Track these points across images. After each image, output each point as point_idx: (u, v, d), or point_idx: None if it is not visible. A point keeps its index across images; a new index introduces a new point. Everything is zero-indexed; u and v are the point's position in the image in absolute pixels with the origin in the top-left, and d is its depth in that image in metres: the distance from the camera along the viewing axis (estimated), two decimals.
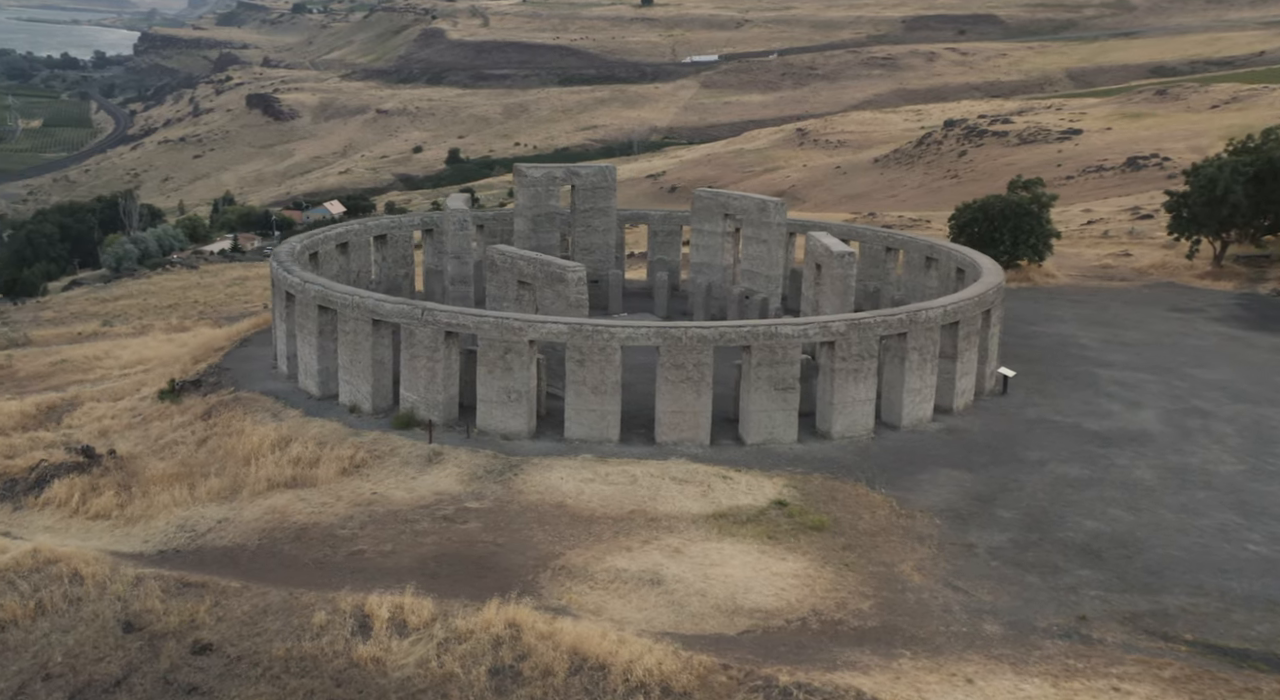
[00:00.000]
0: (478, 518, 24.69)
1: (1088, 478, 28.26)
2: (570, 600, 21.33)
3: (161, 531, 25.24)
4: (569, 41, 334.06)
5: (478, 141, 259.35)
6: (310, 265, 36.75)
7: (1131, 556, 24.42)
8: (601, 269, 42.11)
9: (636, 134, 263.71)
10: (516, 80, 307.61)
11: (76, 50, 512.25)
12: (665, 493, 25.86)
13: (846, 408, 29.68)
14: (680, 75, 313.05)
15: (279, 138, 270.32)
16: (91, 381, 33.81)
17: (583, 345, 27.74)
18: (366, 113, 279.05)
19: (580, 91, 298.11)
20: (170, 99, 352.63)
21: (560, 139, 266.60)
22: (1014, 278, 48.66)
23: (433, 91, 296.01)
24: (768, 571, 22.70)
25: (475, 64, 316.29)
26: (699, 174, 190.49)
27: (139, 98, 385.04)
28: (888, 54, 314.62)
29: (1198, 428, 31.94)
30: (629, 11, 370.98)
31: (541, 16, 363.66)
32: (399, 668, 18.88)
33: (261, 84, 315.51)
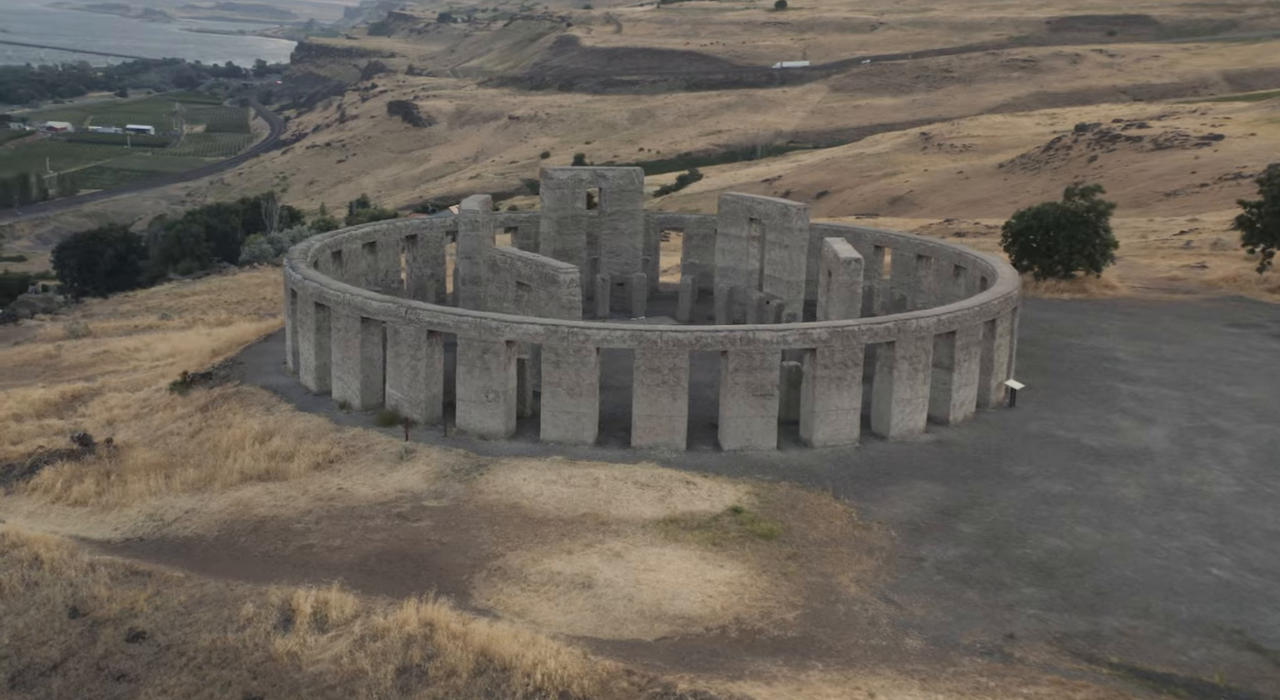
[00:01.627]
0: (431, 516, 25.14)
1: (1067, 494, 27.61)
2: (498, 601, 21.65)
3: (132, 520, 26.22)
4: (699, 47, 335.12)
5: (603, 147, 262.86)
6: (335, 264, 38.01)
7: (1084, 576, 23.86)
8: (628, 272, 42.61)
9: (761, 138, 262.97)
10: (645, 86, 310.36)
11: (240, 59, 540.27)
12: (622, 496, 26.02)
13: (829, 416, 29.68)
14: (809, 79, 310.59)
15: (417, 143, 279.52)
16: (124, 372, 36.00)
17: (558, 347, 28.09)
18: (499, 119, 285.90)
19: (707, 96, 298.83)
20: (320, 106, 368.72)
21: (684, 144, 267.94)
22: (1067, 289, 47.30)
23: (563, 98, 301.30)
24: (701, 578, 22.74)
25: (606, 70, 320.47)
26: (814, 179, 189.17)
27: (293, 105, 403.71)
28: (1029, 56, 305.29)
29: (1206, 447, 30.74)
30: (761, 15, 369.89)
31: (673, 22, 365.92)
32: (314, 662, 19.33)
33: (403, 91, 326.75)
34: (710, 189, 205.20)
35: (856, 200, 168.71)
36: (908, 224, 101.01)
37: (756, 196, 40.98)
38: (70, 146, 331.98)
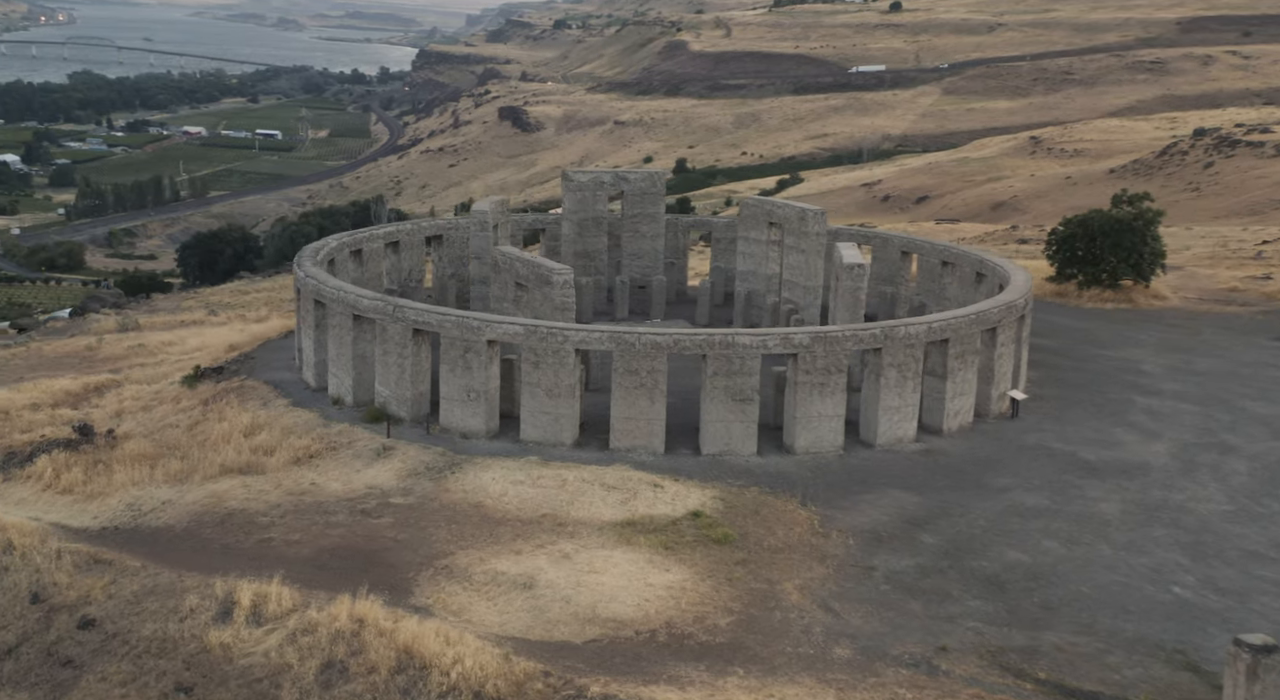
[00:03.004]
0: (394, 513, 25.41)
1: (1043, 508, 26.98)
2: (438, 600, 21.85)
3: (111, 509, 26.90)
4: (808, 49, 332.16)
5: (706, 151, 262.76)
6: (355, 263, 38.77)
7: (1036, 590, 23.35)
8: (649, 274, 42.71)
9: (867, 142, 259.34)
10: (751, 90, 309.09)
11: (365, 67, 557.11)
12: (586, 498, 26.08)
13: (811, 422, 29.54)
14: (922, 81, 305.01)
15: (524, 148, 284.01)
16: (150, 365, 37.51)
17: (537, 347, 28.27)
18: (605, 124, 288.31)
19: (814, 100, 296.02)
20: (437, 112, 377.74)
21: (788, 148, 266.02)
22: (1111, 298, 45.85)
23: (669, 102, 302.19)
24: (643, 582, 22.75)
25: (713, 74, 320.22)
26: (916, 183, 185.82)
27: (412, 110, 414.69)
28: (1156, 57, 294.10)
29: (1207, 463, 29.66)
30: (874, 18, 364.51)
31: (784, 25, 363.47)
32: (246, 655, 19.66)
33: (515, 97, 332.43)
34: (808, 193, 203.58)
35: (958, 205, 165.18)
36: (979, 229, 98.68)
37: (776, 200, 40.98)
38: (203, 150, 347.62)
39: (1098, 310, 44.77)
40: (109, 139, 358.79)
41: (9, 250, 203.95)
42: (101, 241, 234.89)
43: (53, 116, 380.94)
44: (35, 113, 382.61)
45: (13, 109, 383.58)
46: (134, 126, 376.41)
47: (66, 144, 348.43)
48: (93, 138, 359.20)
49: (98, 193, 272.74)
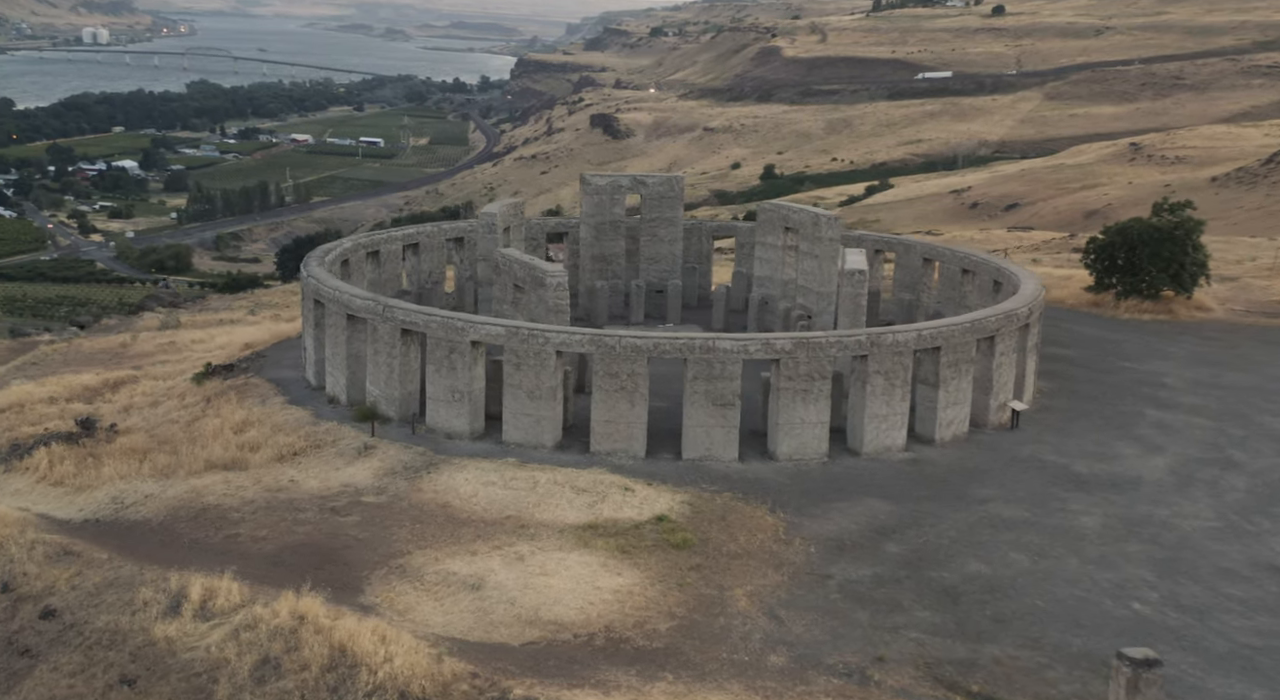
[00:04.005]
0: (362, 511, 25.64)
1: (1020, 520, 26.35)
2: (386, 598, 22.05)
3: (97, 501, 27.45)
4: (905, 54, 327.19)
5: (795, 157, 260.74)
6: (371, 264, 39.18)
7: (990, 602, 22.86)
8: (666, 278, 42.62)
9: (963, 148, 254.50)
10: (845, 95, 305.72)
11: (466, 75, 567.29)
12: (553, 500, 26.13)
13: (794, 429, 29.30)
14: (1023, 86, 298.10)
15: (614, 155, 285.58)
16: (173, 362, 38.78)
17: (519, 349, 28.36)
18: (694, 131, 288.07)
19: (908, 105, 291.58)
20: (532, 120, 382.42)
21: (880, 153, 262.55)
22: (1150, 309, 44.37)
23: (760, 108, 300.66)
24: (591, 585, 22.74)
25: (805, 80, 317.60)
26: (1005, 190, 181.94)
27: (509, 118, 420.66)
28: (1274, 62, 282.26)
29: (1205, 479, 28.64)
30: (976, 22, 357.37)
31: (881, 30, 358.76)
32: (189, 649, 19.90)
33: (607, 104, 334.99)
34: (897, 199, 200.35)
35: (1049, 213, 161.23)
36: (1047, 237, 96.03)
37: (792, 205, 40.74)
38: (309, 157, 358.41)
39: (1133, 321, 43.43)
40: (221, 146, 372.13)
41: (122, 252, 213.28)
42: (209, 244, 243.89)
43: (170, 124, 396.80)
44: (154, 121, 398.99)
45: (134, 117, 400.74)
46: (245, 134, 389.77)
47: (182, 150, 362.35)
48: (206, 145, 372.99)
49: (208, 198, 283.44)
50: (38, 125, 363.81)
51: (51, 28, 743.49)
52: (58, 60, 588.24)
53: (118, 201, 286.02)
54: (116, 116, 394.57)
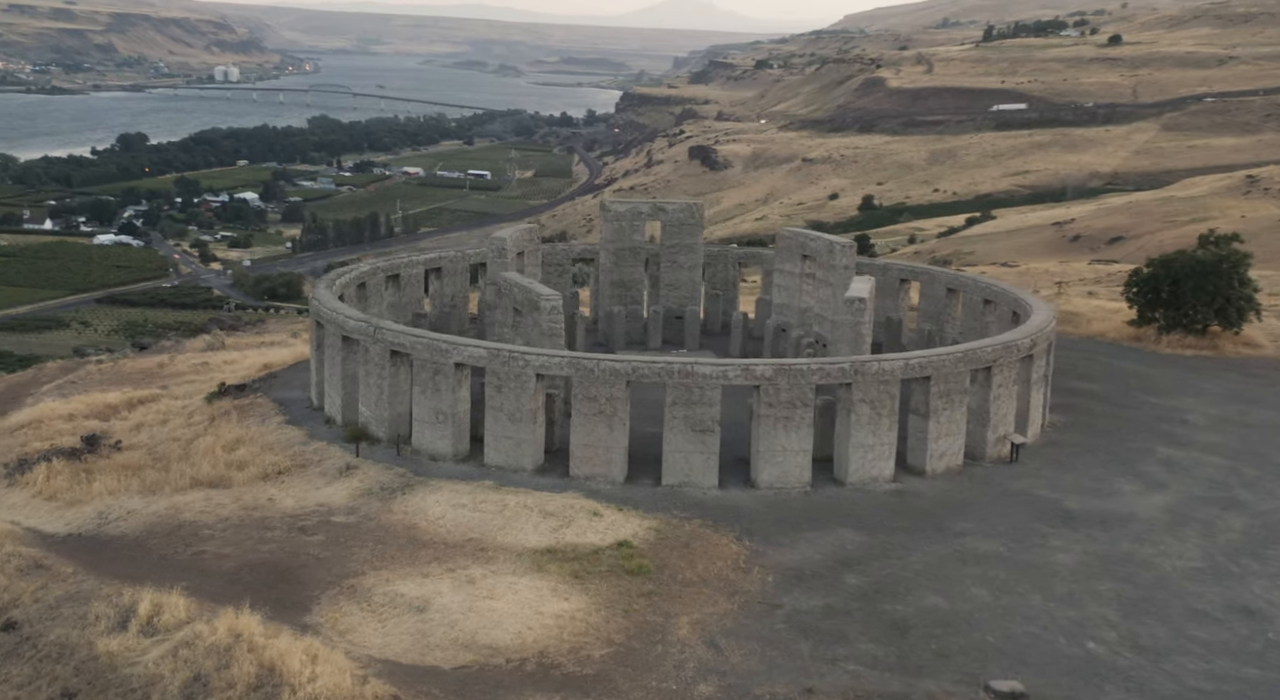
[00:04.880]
0: (329, 531, 25.77)
1: (993, 555, 25.48)
2: (329, 618, 22.12)
3: (83, 516, 27.89)
4: (1014, 84, 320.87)
5: (896, 188, 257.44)
6: (392, 288, 39.80)
7: (939, 637, 22.14)
8: (685, 305, 42.48)
9: (1072, 180, 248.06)
10: (949, 126, 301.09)
11: (573, 109, 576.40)
12: (518, 524, 26.04)
13: (775, 456, 28.88)
14: (1139, 117, 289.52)
15: (711, 186, 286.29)
16: (200, 382, 40.03)
17: (500, 371, 28.37)
18: (793, 161, 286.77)
19: (1016, 136, 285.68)
20: (633, 152, 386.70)
21: (984, 185, 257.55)
22: (1194, 345, 42.57)
23: (860, 139, 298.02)
24: (535, 610, 22.56)
25: (909, 111, 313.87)
26: (1110, 223, 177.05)
27: (612, 151, 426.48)
28: None
29: (1201, 518, 27.36)
30: (1090, 51, 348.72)
31: (989, 60, 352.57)
32: (130, 665, 19.99)
33: (707, 136, 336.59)
34: (996, 231, 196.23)
35: (1153, 247, 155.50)
36: (1121, 271, 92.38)
37: (809, 232, 40.34)
38: (419, 189, 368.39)
39: (1174, 356, 41.73)
40: (337, 179, 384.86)
41: (238, 280, 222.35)
42: (320, 273, 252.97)
43: (290, 158, 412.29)
44: (276, 154, 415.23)
45: (257, 150, 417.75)
46: (360, 167, 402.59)
47: (300, 183, 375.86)
48: (323, 177, 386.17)
49: (321, 228, 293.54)
50: (169, 159, 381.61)
51: (187, 66, 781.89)
52: (191, 97, 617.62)
53: (238, 231, 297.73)
54: (241, 150, 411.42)
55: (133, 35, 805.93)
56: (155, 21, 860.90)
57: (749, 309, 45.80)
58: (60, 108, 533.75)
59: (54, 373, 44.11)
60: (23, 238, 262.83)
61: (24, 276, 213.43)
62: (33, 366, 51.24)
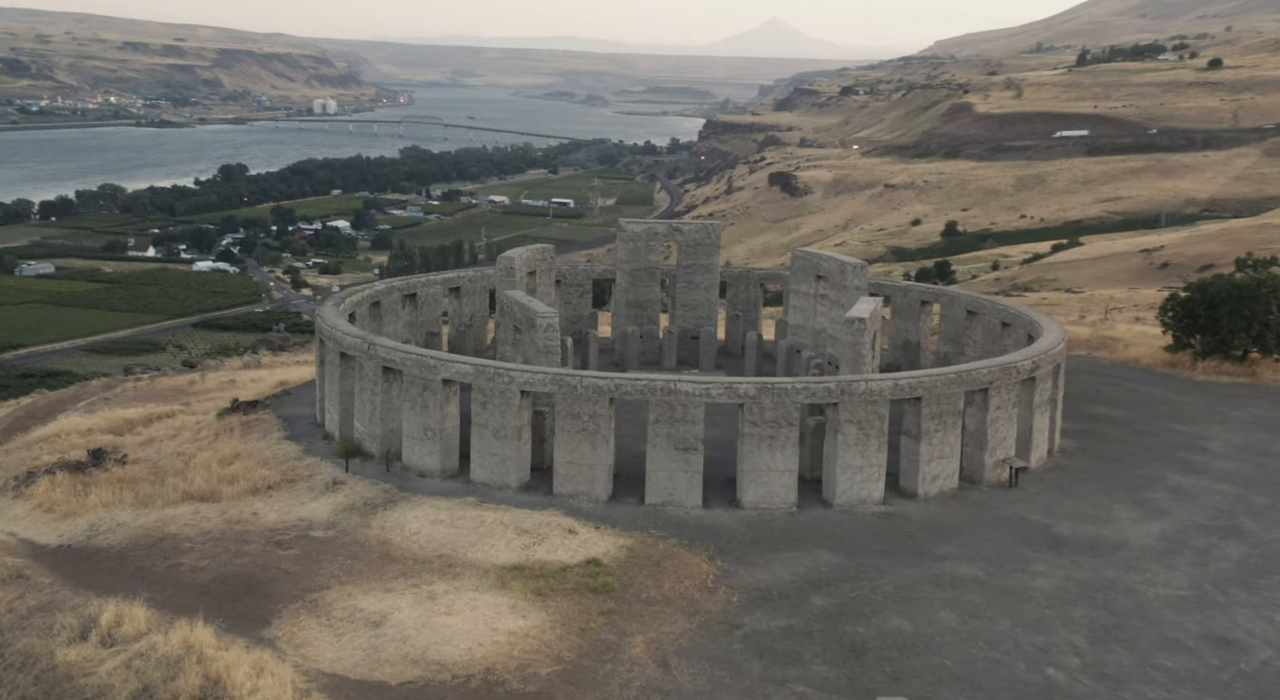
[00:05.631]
0: (304, 546, 25.89)
1: (969, 579, 24.70)
2: (287, 632, 22.19)
3: (75, 528, 28.24)
4: (1106, 109, 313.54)
5: (980, 214, 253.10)
6: (409, 306, 40.08)
7: (896, 660, 21.48)
8: (700, 325, 42.15)
9: (1167, 206, 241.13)
10: (1038, 151, 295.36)
11: (657, 138, 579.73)
12: (490, 541, 25.92)
13: (759, 476, 28.45)
14: (1241, 142, 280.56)
15: (790, 212, 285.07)
16: (220, 399, 40.76)
17: (485, 387, 28.32)
18: (874, 187, 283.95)
19: (1109, 161, 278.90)
20: (714, 179, 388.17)
21: (1073, 211, 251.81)
22: (1231, 372, 40.93)
23: (945, 165, 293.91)
24: (490, 627, 22.40)
25: (996, 136, 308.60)
26: (1201, 250, 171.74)
27: (693, 178, 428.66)
28: None
29: (1197, 547, 26.25)
30: (1189, 75, 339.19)
31: (1082, 85, 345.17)
32: (86, 675, 20.20)
33: (788, 163, 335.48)
34: (1083, 258, 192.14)
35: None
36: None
37: (823, 253, 39.85)
38: (504, 217, 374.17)
39: (1207, 383, 40.20)
40: (425, 207, 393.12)
41: None
42: None
43: (382, 187, 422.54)
44: (368, 184, 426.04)
45: (350, 180, 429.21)
46: (448, 196, 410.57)
47: (390, 211, 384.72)
48: (412, 206, 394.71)
49: (408, 255, 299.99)
50: (267, 188, 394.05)
51: (287, 99, 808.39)
52: (290, 129, 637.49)
53: (329, 258, 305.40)
54: (335, 180, 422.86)
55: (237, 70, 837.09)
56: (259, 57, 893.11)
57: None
58: (167, 140, 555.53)
59: (95, 390, 45.66)
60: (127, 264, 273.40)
61: (126, 301, 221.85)
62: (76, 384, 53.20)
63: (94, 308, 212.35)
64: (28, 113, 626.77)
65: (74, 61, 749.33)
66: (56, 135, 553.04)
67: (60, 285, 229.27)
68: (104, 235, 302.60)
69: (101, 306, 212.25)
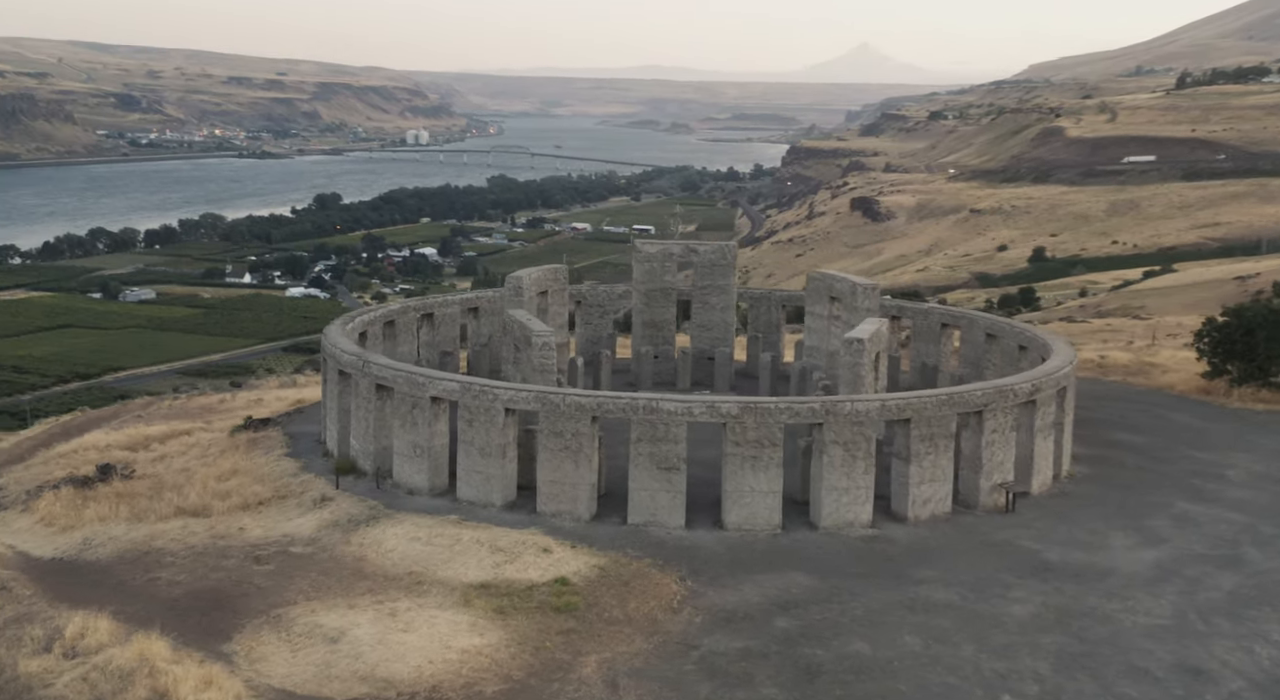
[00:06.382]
0: (281, 561, 26.01)
1: (942, 603, 23.90)
2: (245, 646, 22.30)
3: (70, 541, 28.65)
4: (1206, 133, 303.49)
5: (1070, 240, 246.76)
6: (427, 327, 40.26)
7: (848, 684, 20.82)
8: (716, 346, 41.76)
9: (1268, 233, 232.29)
10: (1132, 176, 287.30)
11: (740, 164, 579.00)
12: (463, 558, 25.81)
13: (742, 497, 27.94)
14: None
15: (872, 238, 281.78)
16: (240, 416, 41.89)
17: (471, 405, 28.26)
18: (960, 212, 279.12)
19: (1207, 186, 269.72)
20: (796, 204, 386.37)
21: (1168, 237, 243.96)
22: (1267, 399, 39.29)
23: (1034, 190, 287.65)
24: (444, 644, 22.27)
25: (1089, 161, 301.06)
26: None
27: (775, 204, 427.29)
28: None
29: (1190, 576, 25.24)
30: None
31: (1180, 108, 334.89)
32: (45, 686, 20.39)
33: (871, 188, 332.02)
34: (1174, 285, 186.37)
35: None
36: None
37: (837, 274, 39.19)
38: (586, 244, 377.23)
39: (1242, 411, 38.69)
40: (510, 234, 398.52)
41: None
42: None
43: (469, 215, 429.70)
44: (456, 212, 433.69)
45: (439, 208, 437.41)
46: (532, 223, 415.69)
47: (476, 238, 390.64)
48: (497, 233, 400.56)
49: (491, 281, 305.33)
50: (358, 217, 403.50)
51: (382, 130, 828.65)
52: (384, 159, 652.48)
53: (415, 284, 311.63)
54: (424, 208, 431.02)
55: (335, 103, 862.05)
56: (356, 89, 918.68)
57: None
58: (267, 171, 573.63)
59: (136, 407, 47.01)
60: (223, 290, 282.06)
61: (221, 326, 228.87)
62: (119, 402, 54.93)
63: (191, 332, 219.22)
64: (138, 145, 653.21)
65: (182, 96, 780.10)
66: (163, 166, 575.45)
67: (160, 310, 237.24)
68: (203, 262, 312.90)
69: (198, 331, 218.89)
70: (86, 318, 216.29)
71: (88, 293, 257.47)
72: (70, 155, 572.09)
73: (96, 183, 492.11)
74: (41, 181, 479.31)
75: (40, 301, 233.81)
